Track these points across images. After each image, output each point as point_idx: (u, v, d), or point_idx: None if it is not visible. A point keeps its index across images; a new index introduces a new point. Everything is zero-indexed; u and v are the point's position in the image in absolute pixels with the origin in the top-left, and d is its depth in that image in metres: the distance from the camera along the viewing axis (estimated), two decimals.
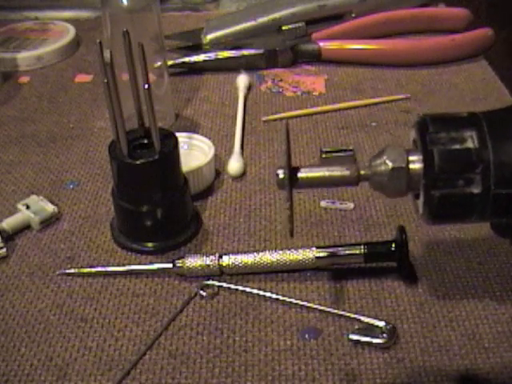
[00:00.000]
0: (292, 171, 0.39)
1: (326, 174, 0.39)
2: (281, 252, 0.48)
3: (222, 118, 0.68)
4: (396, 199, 0.54)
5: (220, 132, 0.65)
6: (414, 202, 0.41)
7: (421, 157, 0.38)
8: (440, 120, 0.39)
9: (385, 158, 0.39)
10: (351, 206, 0.54)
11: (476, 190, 0.37)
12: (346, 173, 0.39)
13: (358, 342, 0.43)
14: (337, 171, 0.39)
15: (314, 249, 0.48)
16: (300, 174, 0.39)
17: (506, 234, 0.45)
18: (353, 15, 0.81)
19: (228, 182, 0.58)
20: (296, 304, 0.46)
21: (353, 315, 0.44)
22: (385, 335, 0.43)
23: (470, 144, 0.37)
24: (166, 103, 0.66)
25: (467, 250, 0.50)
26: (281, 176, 0.39)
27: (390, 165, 0.38)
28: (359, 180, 0.40)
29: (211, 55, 0.76)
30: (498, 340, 0.43)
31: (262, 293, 0.47)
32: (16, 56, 0.79)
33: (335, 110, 0.68)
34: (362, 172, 0.39)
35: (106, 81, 0.46)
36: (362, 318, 0.44)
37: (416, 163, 0.38)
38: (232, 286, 0.47)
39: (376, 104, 0.68)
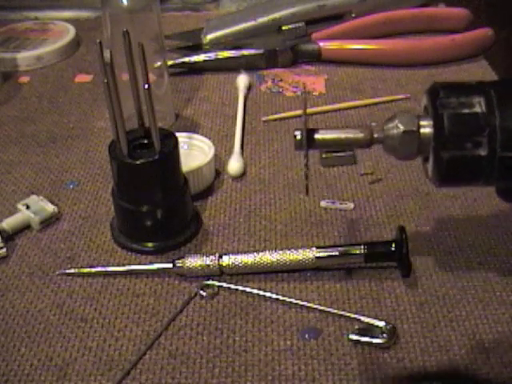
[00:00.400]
0: (309, 133, 0.41)
1: (342, 136, 0.42)
2: (281, 252, 0.48)
3: (222, 118, 0.68)
4: (396, 199, 0.55)
5: (220, 132, 0.65)
6: (423, 165, 0.42)
7: (431, 122, 0.40)
8: (450, 87, 0.40)
9: (397, 121, 0.40)
10: (351, 205, 0.54)
11: (483, 152, 0.39)
12: (360, 135, 0.41)
13: (358, 341, 0.43)
14: (351, 133, 0.41)
15: (314, 249, 0.48)
16: (317, 136, 0.41)
17: (510, 199, 0.45)
18: (353, 15, 0.81)
19: (228, 182, 0.58)
20: (296, 304, 0.46)
21: (353, 315, 0.44)
22: (385, 335, 0.43)
23: (478, 109, 0.39)
24: (166, 103, 0.66)
25: (467, 249, 0.50)
26: (298, 137, 0.41)
27: (402, 128, 0.40)
28: (372, 143, 0.41)
29: (211, 55, 0.76)
30: (498, 340, 0.43)
31: (262, 293, 0.47)
32: (16, 56, 0.79)
33: (335, 110, 0.68)
34: (375, 135, 0.41)
35: (105, 81, 0.46)
36: (362, 318, 0.44)
37: (426, 128, 0.40)
38: (232, 286, 0.47)
39: (376, 104, 0.68)
